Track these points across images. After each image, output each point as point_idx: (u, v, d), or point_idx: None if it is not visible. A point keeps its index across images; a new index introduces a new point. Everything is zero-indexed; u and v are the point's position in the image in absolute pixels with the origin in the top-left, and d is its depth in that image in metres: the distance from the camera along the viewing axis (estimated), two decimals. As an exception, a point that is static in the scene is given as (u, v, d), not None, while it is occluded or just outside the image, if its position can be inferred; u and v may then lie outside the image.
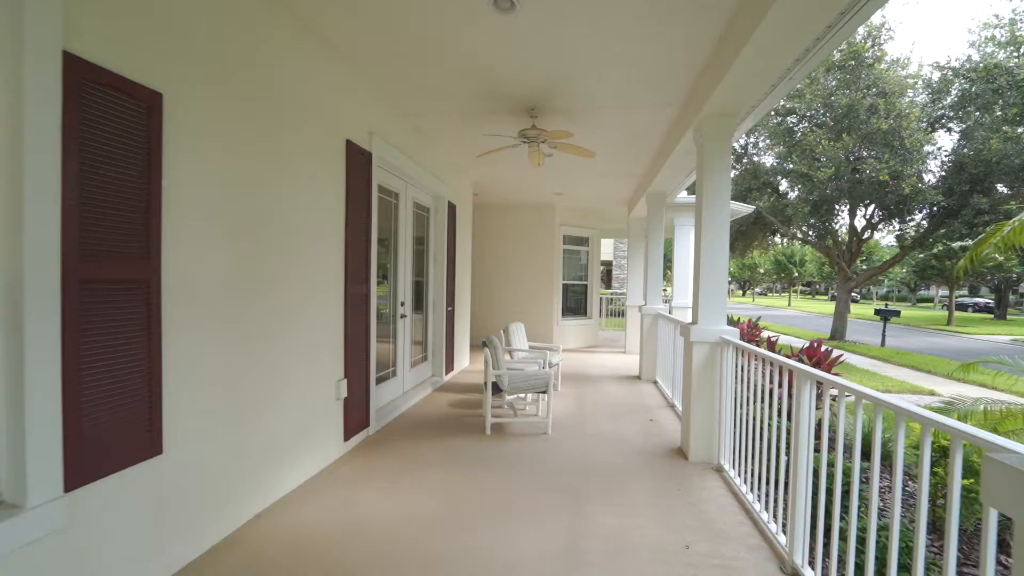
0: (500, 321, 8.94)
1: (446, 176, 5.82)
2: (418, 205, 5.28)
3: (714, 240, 3.48)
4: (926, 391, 8.18)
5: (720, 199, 3.50)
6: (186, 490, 2.11)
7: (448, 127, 4.72)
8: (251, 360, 2.50)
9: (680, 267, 8.95)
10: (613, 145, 5.16)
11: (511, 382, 4.06)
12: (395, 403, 4.55)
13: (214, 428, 2.26)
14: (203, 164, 2.18)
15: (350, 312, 3.49)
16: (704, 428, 3.51)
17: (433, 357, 5.79)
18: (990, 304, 37.49)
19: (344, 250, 3.43)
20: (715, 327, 3.46)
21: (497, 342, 4.04)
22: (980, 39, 12.31)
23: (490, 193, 8.19)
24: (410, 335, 5.04)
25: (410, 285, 5.01)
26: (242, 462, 2.45)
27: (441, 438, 3.87)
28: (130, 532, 1.87)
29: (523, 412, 4.65)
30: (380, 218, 4.34)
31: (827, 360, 4.86)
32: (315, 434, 3.13)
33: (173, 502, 2.05)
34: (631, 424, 4.40)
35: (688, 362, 3.62)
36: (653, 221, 6.49)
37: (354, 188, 3.53)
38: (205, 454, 2.21)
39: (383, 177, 4.32)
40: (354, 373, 3.58)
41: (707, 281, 3.49)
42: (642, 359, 6.57)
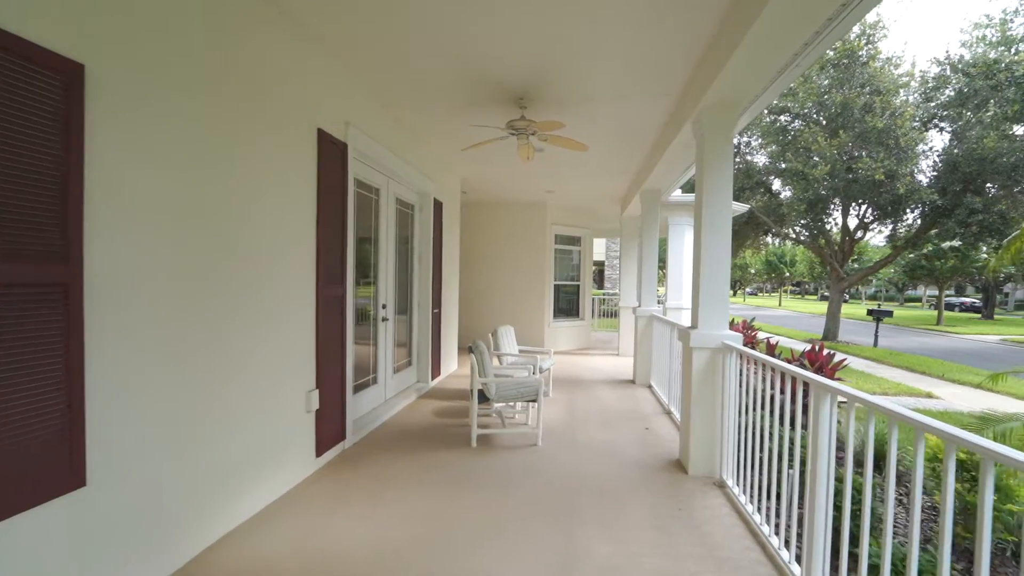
0: (490, 323, 8.68)
1: (432, 172, 5.55)
2: (401, 202, 5.00)
3: (715, 239, 3.25)
4: (923, 393, 8.06)
5: (721, 195, 3.28)
6: (116, 526, 1.83)
7: (432, 119, 4.46)
8: (201, 372, 2.22)
9: (674, 267, 8.76)
10: (607, 139, 4.93)
11: (499, 390, 3.80)
12: (376, 412, 4.28)
13: (154, 452, 1.98)
14: (141, 150, 1.89)
15: (323, 316, 3.22)
16: (704, 440, 3.28)
17: (418, 362, 5.51)
18: (976, 304, 37.96)
19: (316, 248, 3.15)
20: (716, 332, 3.23)
21: (484, 347, 3.79)
22: (972, 39, 12.29)
23: (480, 191, 7.93)
24: (393, 339, 4.77)
25: (393, 286, 4.73)
26: (189, 489, 2.17)
27: (423, 451, 3.60)
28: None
29: (512, 421, 4.40)
30: (359, 215, 4.06)
31: (829, 364, 4.67)
32: (280, 451, 2.85)
33: (99, 541, 1.76)
34: (626, 433, 4.16)
35: (687, 369, 3.39)
36: (647, 219, 6.28)
37: (327, 182, 3.26)
38: (142, 483, 1.93)
39: (361, 171, 4.04)
40: (327, 382, 3.30)
41: (708, 283, 3.26)
42: (636, 363, 6.35)
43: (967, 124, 11.73)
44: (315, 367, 3.17)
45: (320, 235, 3.17)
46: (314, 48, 3.07)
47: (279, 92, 2.75)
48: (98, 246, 1.73)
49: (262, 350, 2.64)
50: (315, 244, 3.15)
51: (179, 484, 2.11)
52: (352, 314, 3.73)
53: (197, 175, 2.18)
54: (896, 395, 7.89)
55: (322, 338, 3.21)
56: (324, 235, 3.21)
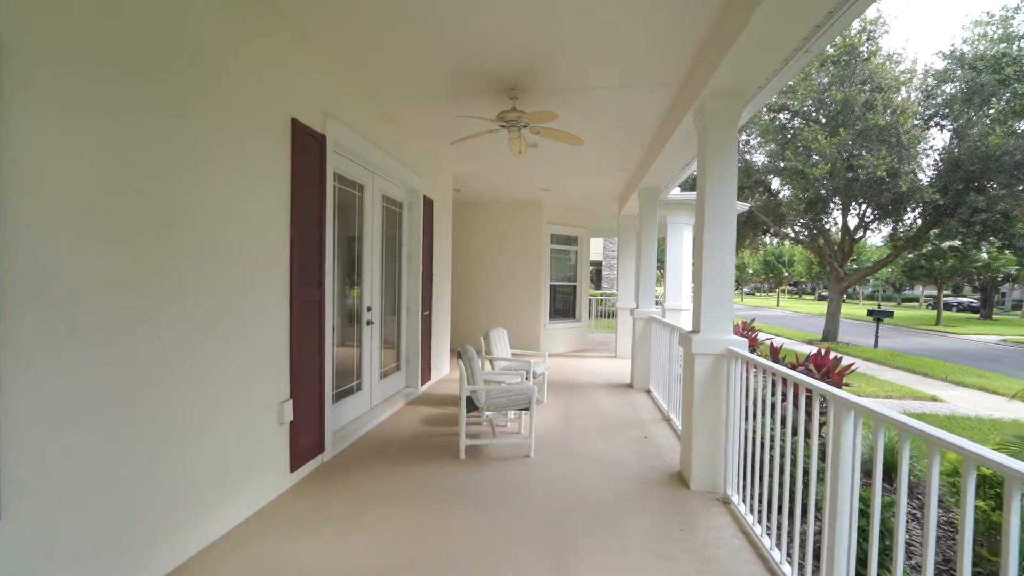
0: (484, 325, 8.45)
1: (422, 169, 5.33)
2: (389, 199, 4.77)
3: (719, 237, 3.04)
4: (927, 396, 7.87)
5: (725, 191, 3.06)
6: (39, 567, 1.59)
7: (420, 112, 4.23)
8: (154, 385, 1.99)
9: (672, 268, 8.56)
10: (603, 134, 4.71)
11: (489, 398, 3.58)
12: (360, 421, 4.05)
13: (92, 477, 1.75)
14: (72, 137, 1.66)
15: (298, 320, 2.99)
16: (708, 452, 3.06)
17: (407, 366, 5.29)
18: (974, 303, 37.94)
19: (289, 247, 2.92)
20: (720, 336, 3.02)
21: (473, 353, 3.57)
22: (973, 36, 12.14)
23: (473, 189, 7.71)
24: (379, 343, 4.54)
25: (379, 288, 4.51)
26: (137, 517, 1.94)
27: (408, 464, 3.37)
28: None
29: (503, 430, 4.18)
30: (341, 213, 3.84)
31: (836, 369, 4.46)
32: (248, 468, 2.62)
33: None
34: (624, 442, 3.95)
35: (689, 376, 3.17)
36: (646, 218, 6.06)
37: (303, 176, 3.03)
38: (73, 513, 1.70)
39: (343, 166, 3.81)
40: (303, 392, 3.07)
41: (711, 284, 3.04)
42: (634, 366, 6.13)
43: (969, 122, 11.57)
44: (289, 376, 2.94)
45: (294, 233, 2.94)
46: (288, 31, 2.84)
47: (247, 77, 2.52)
48: (16, 248, 1.50)
49: (227, 360, 2.41)
50: (288, 243, 2.92)
51: (124, 512, 1.88)
52: (332, 318, 3.51)
53: (150, 170, 1.94)
54: (900, 399, 7.70)
55: (297, 344, 2.98)
56: (299, 233, 2.98)
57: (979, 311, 35.93)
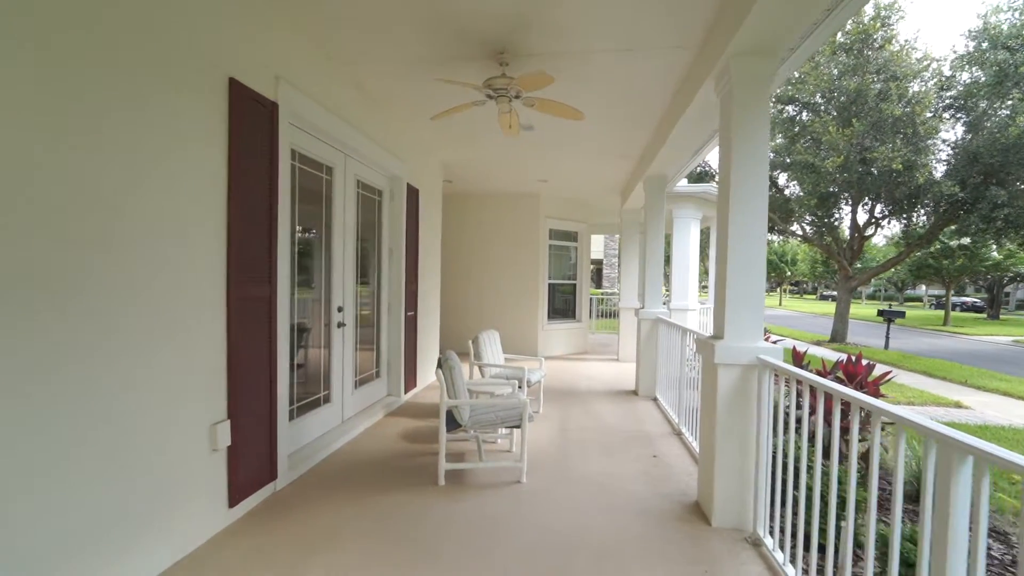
0: (477, 326, 7.93)
1: (405, 153, 4.81)
2: (366, 186, 4.26)
3: (748, 225, 2.52)
4: (950, 402, 7.37)
5: (755, 169, 2.55)
6: None
7: (396, 83, 3.71)
8: (37, 410, 1.48)
9: (679, 265, 8.06)
10: (607, 112, 4.19)
11: (474, 414, 3.07)
12: (328, 438, 3.53)
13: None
14: None
15: (238, 324, 2.47)
16: (733, 481, 2.55)
17: (389, 373, 4.77)
18: (978, 303, 37.39)
19: (226, 235, 2.40)
20: (749, 344, 2.51)
21: (455, 361, 3.05)
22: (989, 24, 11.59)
23: (466, 180, 7.19)
24: (354, 348, 4.02)
25: (353, 285, 3.99)
26: None
27: (377, 492, 2.86)
28: None
29: (493, 447, 3.67)
30: (303, 198, 3.32)
31: (869, 378, 3.95)
32: (168, 507, 2.10)
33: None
34: (629, 461, 3.44)
35: (709, 390, 2.66)
36: (652, 210, 5.55)
37: (246, 149, 2.51)
38: None
39: (306, 143, 3.30)
40: (247, 410, 2.56)
41: (738, 281, 2.53)
42: (639, 371, 5.62)
43: (984, 113, 11.02)
44: (226, 391, 2.42)
45: (233, 218, 2.42)
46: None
47: (166, 19, 2.00)
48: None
49: (134, 374, 1.90)
50: (225, 229, 2.40)
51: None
52: (288, 320, 2.99)
53: (28, 132, 1.43)
54: (922, 405, 7.19)
55: (237, 352, 2.46)
56: (240, 218, 2.47)
57: (983, 311, 35.42)
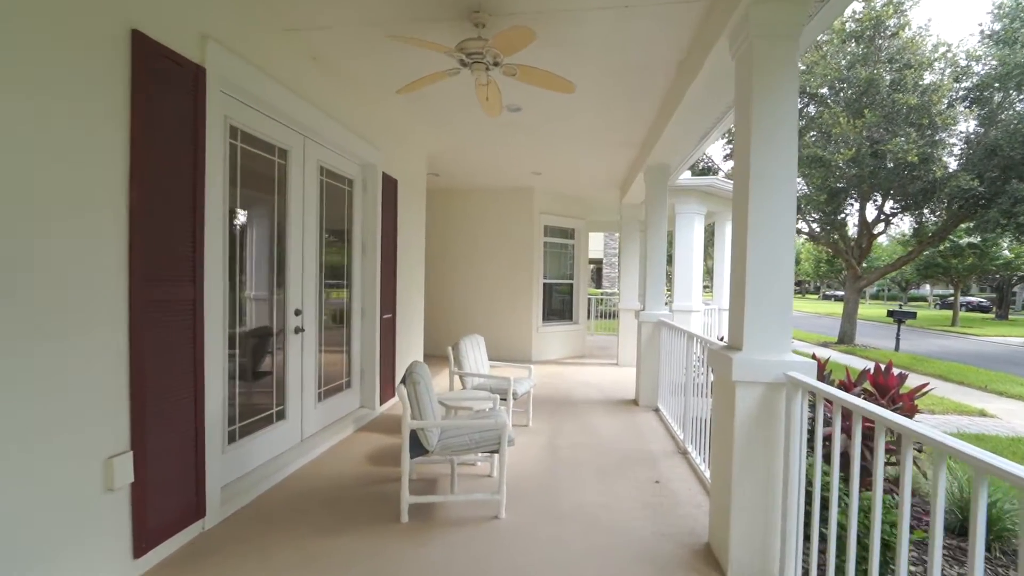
0: (467, 328, 7.48)
1: (380, 140, 4.34)
2: (332, 173, 3.79)
3: (773, 215, 2.06)
4: (974, 410, 6.89)
5: (782, 146, 2.08)
6: None
7: (359, 54, 3.24)
8: None
9: (682, 263, 7.60)
10: (603, 87, 3.72)
11: (444, 437, 2.60)
12: (281, 460, 3.07)
13: None
14: None
15: (146, 333, 2.01)
16: (753, 523, 2.08)
17: (362, 382, 4.31)
18: (984, 303, 36.79)
19: (127, 225, 1.94)
20: (775, 356, 2.04)
21: (421, 375, 2.59)
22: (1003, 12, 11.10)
23: (453, 173, 6.73)
24: (316, 355, 3.56)
25: (315, 285, 3.52)
26: None
27: (326, 532, 2.40)
28: None
29: (470, 468, 3.20)
30: (248, 184, 2.86)
31: (900, 389, 3.48)
32: (42, 564, 1.64)
33: None
34: (629, 489, 2.97)
35: (724, 412, 2.19)
36: (653, 203, 5.08)
37: (155, 121, 2.05)
38: None
39: (251, 120, 2.83)
40: (159, 437, 2.10)
41: (761, 281, 2.06)
42: (640, 379, 5.15)
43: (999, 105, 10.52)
44: (128, 417, 1.96)
45: (137, 204, 1.96)
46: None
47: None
48: None
49: None
50: (126, 218, 1.94)
51: None
52: (221, 326, 2.53)
53: None
54: (944, 413, 6.72)
55: (144, 369, 2.00)
56: (147, 204, 2.01)
57: (989, 311, 34.83)
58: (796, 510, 1.93)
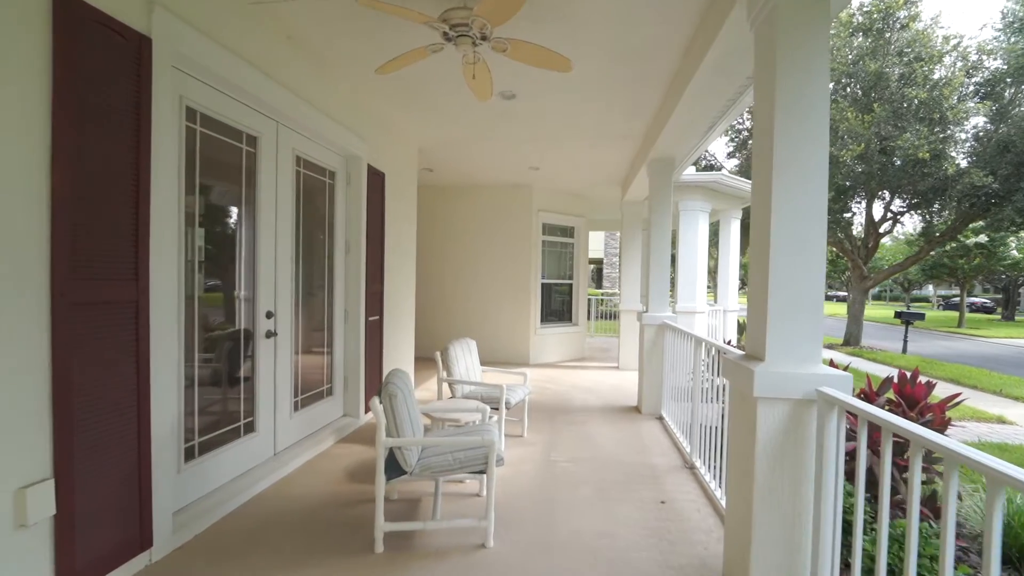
0: (463, 330, 7.21)
1: (365, 130, 4.07)
2: (310, 164, 3.52)
3: (802, 203, 1.77)
4: (992, 417, 6.59)
5: (812, 124, 1.79)
6: None
7: (337, 33, 2.96)
8: None
9: (686, 263, 7.32)
10: (603, 71, 3.44)
11: (424, 456, 2.32)
12: (248, 478, 2.79)
13: None
14: None
15: (74, 341, 1.73)
16: (779, 560, 1.80)
17: (345, 390, 4.02)
18: (987, 304, 36.38)
19: (49, 216, 1.67)
20: (804, 369, 1.75)
21: (400, 386, 2.30)
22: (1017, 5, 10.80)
23: (448, 169, 6.45)
24: (291, 362, 3.28)
25: (290, 285, 3.25)
26: None
27: (289, 565, 2.11)
28: None
29: (458, 486, 2.92)
30: (211, 173, 2.59)
31: (927, 398, 3.20)
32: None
33: None
34: (632, 510, 2.69)
35: (745, 433, 1.90)
36: (657, 199, 4.80)
37: (85, 97, 1.77)
38: None
39: (213, 102, 2.56)
40: (93, 461, 1.82)
41: (787, 280, 1.78)
42: (642, 385, 4.87)
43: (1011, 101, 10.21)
44: (50, 438, 1.68)
45: (60, 191, 1.68)
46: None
47: None
48: None
49: None
50: (48, 208, 1.66)
51: None
52: (174, 330, 2.26)
53: None
54: (960, 420, 6.41)
55: (71, 382, 1.72)
56: (73, 189, 1.73)
57: (994, 311, 34.41)
58: (830, 550, 1.65)
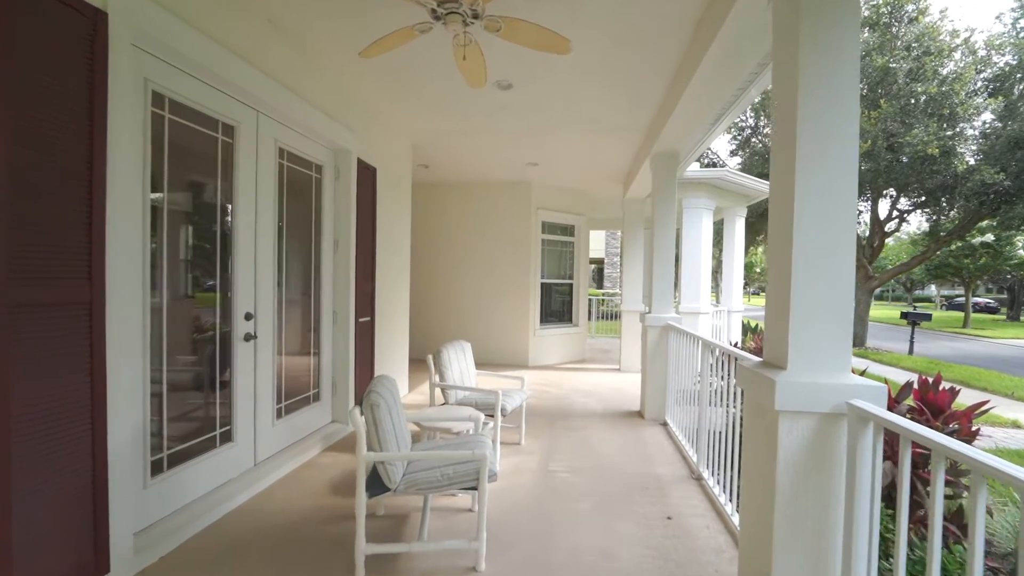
0: (458, 333, 7.02)
1: (355, 122, 3.88)
2: (295, 157, 3.33)
3: (830, 188, 1.57)
4: (1007, 422, 6.38)
5: (840, 97, 1.59)
6: None
7: (322, 10, 2.77)
8: None
9: (689, 262, 7.12)
10: (604, 61, 3.25)
11: (409, 472, 2.13)
12: (223, 492, 2.60)
13: None
14: None
15: (13, 349, 1.54)
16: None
17: (334, 395, 3.83)
18: (991, 304, 36.09)
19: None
20: (832, 378, 1.56)
21: (382, 396, 2.11)
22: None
23: (445, 165, 6.26)
24: (273, 366, 3.09)
25: (271, 284, 3.05)
26: None
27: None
28: None
29: (449, 499, 2.72)
30: (181, 163, 2.40)
31: (950, 405, 3.00)
32: None
33: None
34: (635, 528, 2.49)
35: (764, 450, 1.70)
36: (661, 195, 4.60)
37: (30, 77, 1.58)
38: None
39: (186, 88, 2.36)
40: (35, 483, 1.62)
41: (812, 276, 1.58)
42: (645, 389, 4.67)
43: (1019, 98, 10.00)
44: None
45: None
46: None
47: None
48: None
49: None
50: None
51: None
52: (138, 335, 2.07)
53: None
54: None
55: (8, 395, 1.54)
56: (8, 175, 1.54)
57: (997, 311, 34.13)
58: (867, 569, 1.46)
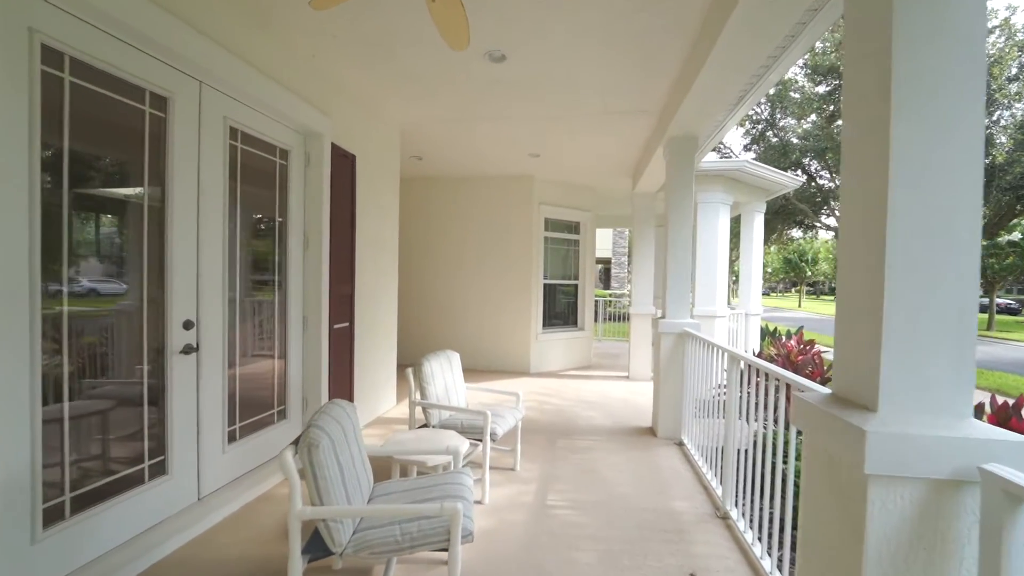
0: (454, 338, 6.57)
1: (330, 103, 3.43)
2: (251, 139, 2.87)
3: (942, 147, 1.09)
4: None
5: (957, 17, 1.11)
6: None
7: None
8: None
9: (705, 261, 6.60)
10: (611, 28, 2.76)
11: (361, 530, 1.66)
12: (152, 537, 2.15)
13: None
14: None
15: None
16: None
17: (304, 411, 3.38)
18: (1012, 305, 34.96)
19: None
20: (951, 430, 1.06)
21: (327, 430, 1.65)
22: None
23: (440, 156, 5.80)
24: (223, 383, 2.64)
25: (220, 286, 2.60)
26: None
27: None
28: None
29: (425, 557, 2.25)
30: (92, 140, 1.95)
31: None
32: None
33: None
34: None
35: (842, 526, 1.21)
36: (676, 184, 4.11)
37: None
38: None
39: (93, 46, 1.91)
40: None
41: (914, 276, 1.09)
42: (658, 402, 4.18)
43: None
44: None
45: None
46: None
47: None
48: None
49: None
50: None
51: None
52: (24, 349, 1.62)
53: None
54: (1020, 439, 5.62)
55: None
56: None
57: (1018, 313, 32.98)
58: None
